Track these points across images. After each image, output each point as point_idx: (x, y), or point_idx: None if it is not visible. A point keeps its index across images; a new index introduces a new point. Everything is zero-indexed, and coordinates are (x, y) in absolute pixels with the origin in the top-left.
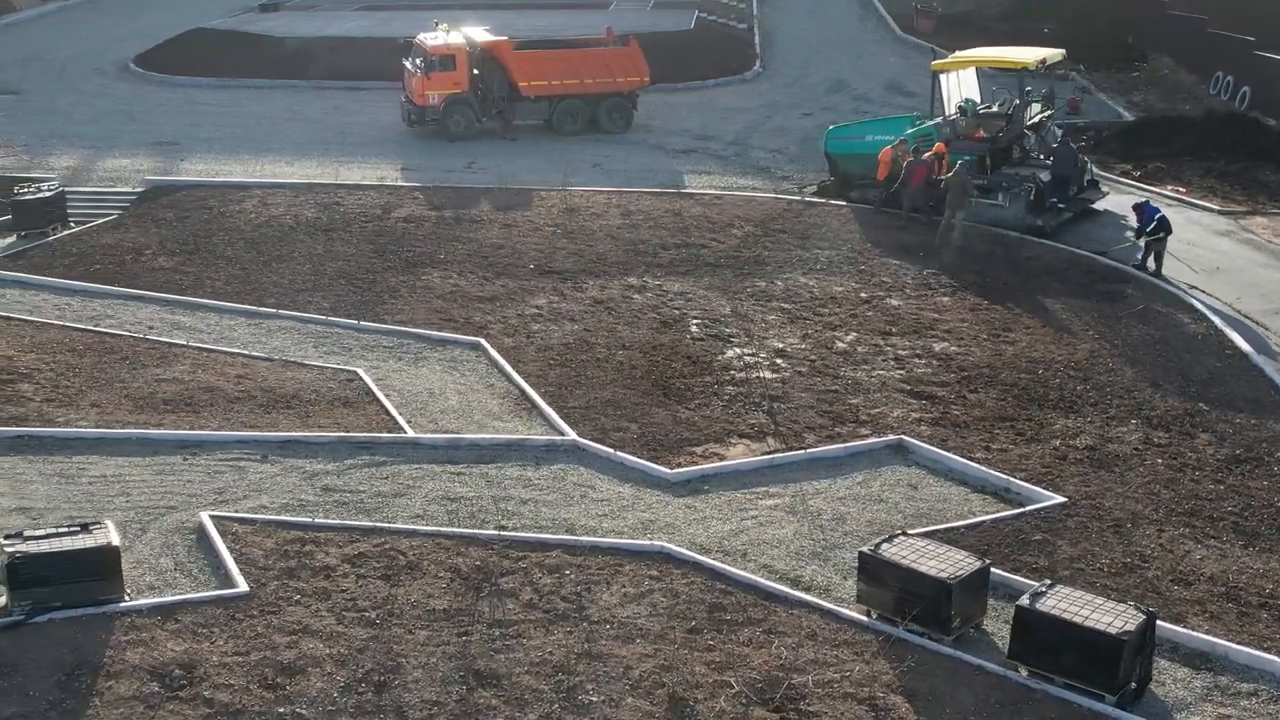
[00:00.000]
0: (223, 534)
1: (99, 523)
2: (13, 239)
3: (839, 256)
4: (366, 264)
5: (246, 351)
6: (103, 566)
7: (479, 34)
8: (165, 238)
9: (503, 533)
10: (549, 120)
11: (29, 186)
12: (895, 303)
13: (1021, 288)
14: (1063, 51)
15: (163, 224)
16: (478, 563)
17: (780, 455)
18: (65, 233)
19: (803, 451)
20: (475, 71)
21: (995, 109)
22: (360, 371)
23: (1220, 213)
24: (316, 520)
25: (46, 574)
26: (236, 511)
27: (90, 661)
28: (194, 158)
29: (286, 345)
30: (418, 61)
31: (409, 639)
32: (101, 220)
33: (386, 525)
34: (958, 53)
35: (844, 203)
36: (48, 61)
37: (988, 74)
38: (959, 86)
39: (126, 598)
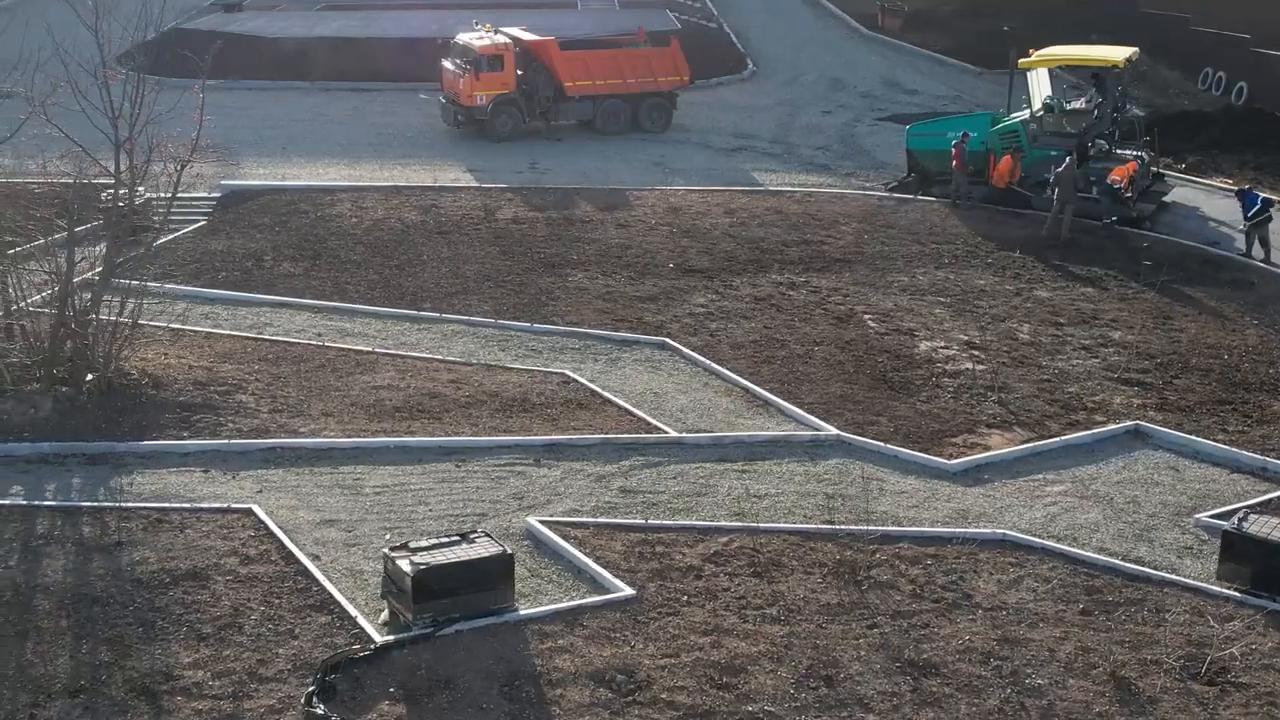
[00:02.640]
0: (564, 539)
1: (476, 531)
2: (100, 247)
3: (960, 251)
4: (501, 266)
5: (439, 356)
6: (500, 576)
7: (523, 34)
8: (277, 243)
9: (868, 527)
10: (591, 120)
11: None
12: (1044, 294)
13: (1154, 278)
14: (1137, 49)
15: (264, 229)
16: (837, 557)
17: (1041, 443)
18: (164, 239)
19: (1057, 439)
20: (519, 72)
21: (1081, 106)
22: (569, 373)
23: None
24: (650, 522)
25: (449, 586)
26: (550, 516)
27: (523, 671)
28: (248, 162)
29: (472, 349)
30: (459, 62)
31: (824, 633)
32: (193, 227)
33: (726, 524)
34: (1042, 51)
35: (932, 199)
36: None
37: (1058, 72)
38: (1039, 84)
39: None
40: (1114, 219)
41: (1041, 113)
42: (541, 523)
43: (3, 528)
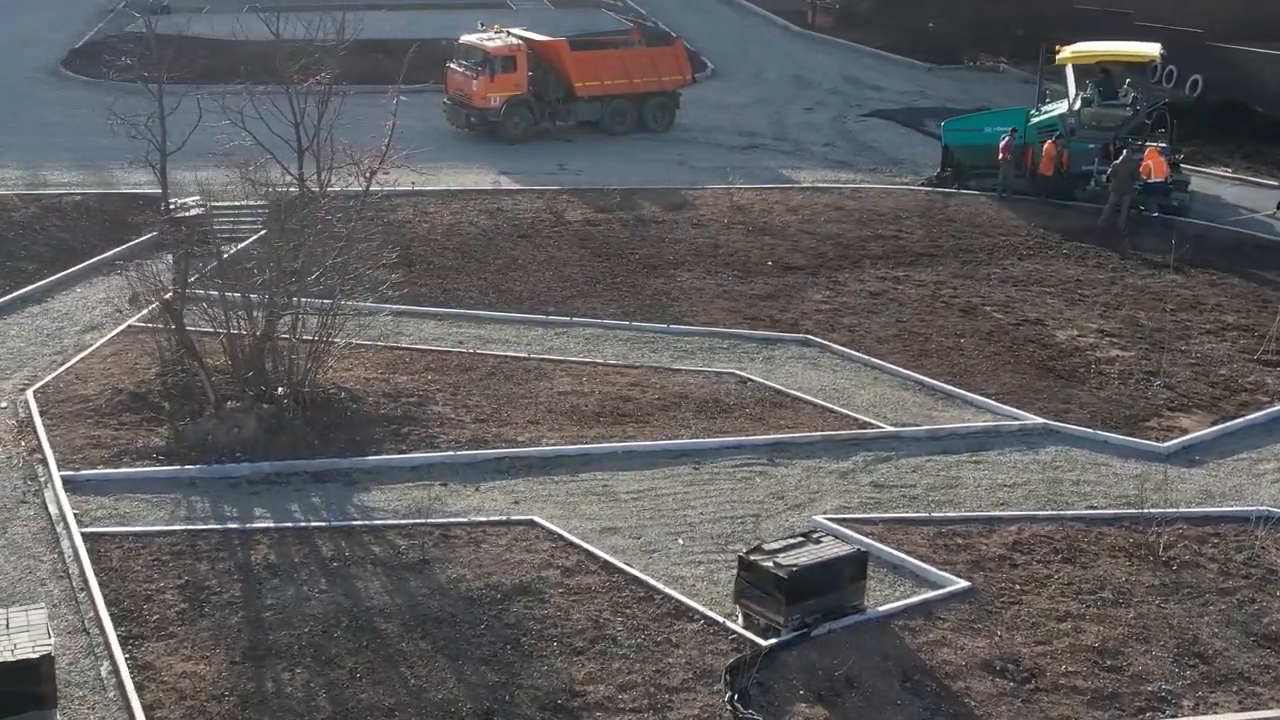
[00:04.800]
0: (861, 535)
1: (817, 531)
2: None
3: (1032, 242)
4: (602, 268)
5: (599, 360)
6: (855, 574)
7: (532, 35)
8: (360, 250)
9: (1165, 510)
10: (597, 120)
11: (176, 204)
12: (1138, 282)
13: (1229, 264)
14: (1160, 45)
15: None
16: (1131, 540)
17: (1228, 424)
18: (237, 248)
19: (1239, 420)
20: (530, 73)
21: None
22: (738, 372)
23: None
24: (933, 515)
25: (814, 586)
26: (825, 514)
27: (914, 666)
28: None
29: (623, 351)
30: (467, 63)
31: (1167, 613)
32: (255, 236)
33: (1004, 514)
34: (1075, 46)
35: (976, 192)
36: None
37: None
38: (1074, 80)
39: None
40: (1157, 211)
41: (1080, 107)
42: (830, 520)
43: (285, 551)
